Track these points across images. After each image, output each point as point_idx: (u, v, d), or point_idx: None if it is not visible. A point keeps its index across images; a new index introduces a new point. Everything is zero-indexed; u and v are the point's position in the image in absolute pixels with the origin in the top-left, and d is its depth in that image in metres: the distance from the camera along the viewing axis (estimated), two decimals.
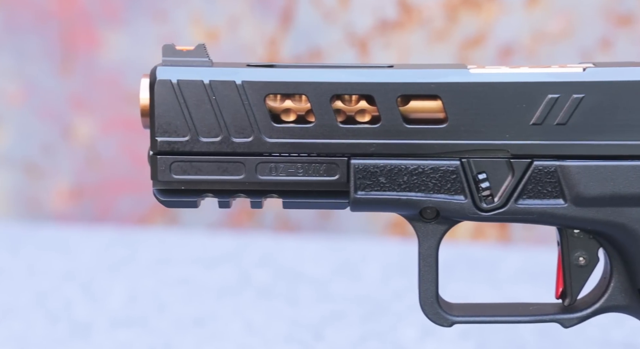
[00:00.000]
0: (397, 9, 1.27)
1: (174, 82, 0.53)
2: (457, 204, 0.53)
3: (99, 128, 1.37)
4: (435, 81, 0.52)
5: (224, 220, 1.35)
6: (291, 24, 1.31)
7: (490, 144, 0.52)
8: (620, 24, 1.21)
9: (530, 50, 1.24)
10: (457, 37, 1.26)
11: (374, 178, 0.53)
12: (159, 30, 1.34)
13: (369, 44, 1.29)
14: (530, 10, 1.23)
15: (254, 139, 0.53)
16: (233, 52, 1.33)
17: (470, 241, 1.27)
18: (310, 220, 1.32)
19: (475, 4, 1.25)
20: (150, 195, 1.37)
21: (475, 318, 0.55)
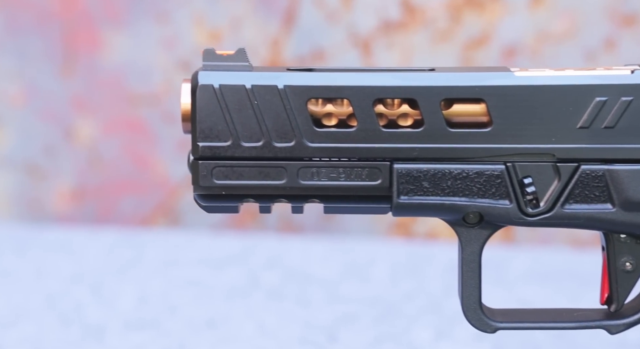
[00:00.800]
0: (401, 9, 1.28)
1: (216, 87, 0.53)
2: (502, 209, 0.53)
3: (101, 130, 1.37)
4: (479, 84, 0.52)
5: (227, 221, 1.35)
6: (294, 24, 1.31)
7: (535, 148, 0.52)
8: (624, 24, 1.22)
9: (534, 51, 1.24)
10: (460, 37, 1.26)
11: (417, 182, 0.53)
12: (161, 31, 1.34)
13: (372, 45, 1.29)
14: (534, 10, 1.24)
15: (296, 144, 0.53)
16: None
17: None
18: (314, 221, 1.32)
19: (478, 4, 1.25)
20: (152, 196, 1.38)
21: (519, 324, 0.54)
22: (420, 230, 1.28)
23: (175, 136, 1.35)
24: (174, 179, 1.36)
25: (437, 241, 1.27)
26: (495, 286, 1.06)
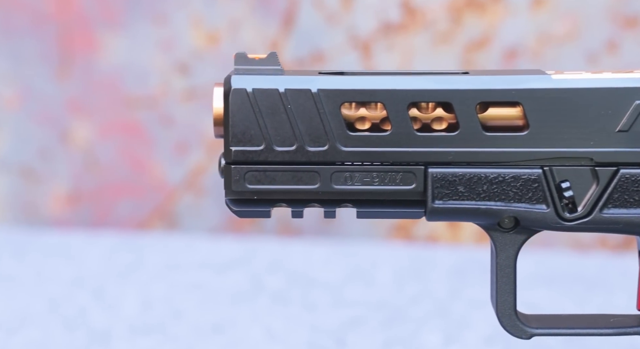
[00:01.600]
0: (401, 11, 1.27)
1: (249, 91, 0.52)
2: (539, 213, 0.52)
3: (97, 132, 1.35)
4: (516, 87, 0.52)
5: (224, 224, 1.34)
6: (293, 26, 1.31)
7: (573, 152, 0.52)
8: (626, 25, 1.22)
9: (535, 53, 1.24)
10: (461, 39, 1.26)
11: (453, 187, 0.52)
12: (158, 33, 1.33)
13: (372, 47, 1.28)
14: (535, 12, 1.24)
15: (329, 148, 0.52)
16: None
17: (474, 244, 1.27)
18: (313, 224, 1.32)
19: (479, 5, 1.25)
20: (148, 199, 1.37)
21: (554, 330, 0.54)
22: (421, 233, 1.28)
23: (172, 139, 1.34)
24: (172, 182, 1.35)
25: (438, 244, 1.27)
26: None
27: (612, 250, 1.23)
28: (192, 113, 1.34)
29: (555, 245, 1.24)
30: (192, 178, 1.35)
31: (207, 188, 1.35)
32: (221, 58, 1.33)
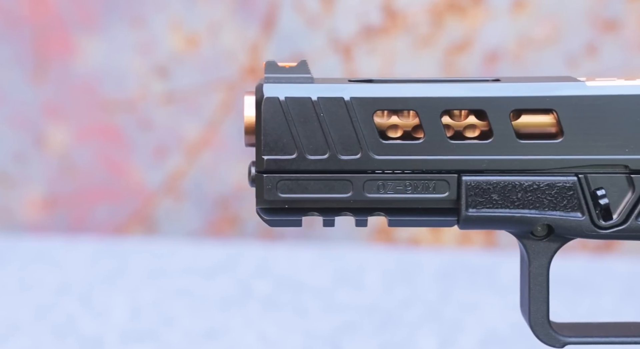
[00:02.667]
0: (382, 14, 1.27)
1: (281, 99, 0.52)
2: (574, 221, 0.52)
3: (73, 137, 1.34)
4: (550, 94, 0.52)
5: (204, 228, 1.34)
6: (273, 29, 1.30)
7: (608, 159, 0.52)
8: (605, 29, 1.23)
9: (516, 56, 1.25)
10: (442, 42, 1.26)
11: (487, 195, 0.52)
12: (136, 36, 1.32)
13: (353, 50, 1.28)
14: (515, 15, 1.24)
15: (362, 156, 0.52)
16: (214, 58, 1.32)
17: (456, 247, 1.27)
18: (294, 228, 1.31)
19: (460, 9, 1.26)
20: (127, 203, 1.35)
21: (588, 339, 0.54)
22: (403, 236, 1.28)
23: (151, 143, 1.33)
24: (151, 186, 1.34)
25: (420, 247, 1.27)
26: (490, 293, 1.07)
27: (593, 252, 1.24)
28: (171, 117, 1.33)
29: None
30: (172, 182, 1.34)
31: (187, 192, 1.34)
32: (201, 62, 1.32)
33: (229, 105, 1.32)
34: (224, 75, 1.32)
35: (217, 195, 1.33)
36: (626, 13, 1.23)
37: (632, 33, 1.23)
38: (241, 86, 1.32)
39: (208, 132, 1.33)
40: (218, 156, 1.33)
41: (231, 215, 1.33)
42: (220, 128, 1.33)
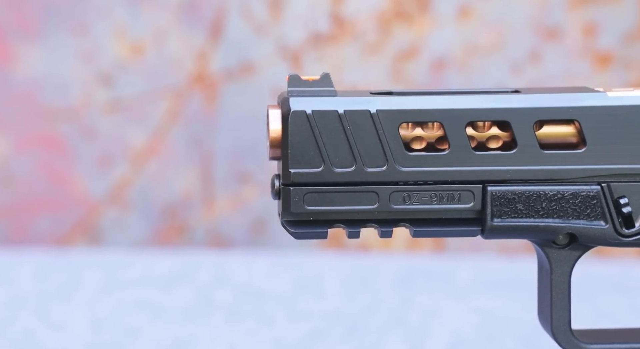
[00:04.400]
0: (330, 22, 1.28)
1: (308, 113, 0.52)
2: (597, 230, 0.54)
3: (12, 146, 1.31)
4: (573, 105, 0.53)
5: (151, 238, 1.32)
6: (221, 37, 1.30)
7: (630, 168, 0.53)
8: (548, 37, 1.26)
9: (462, 63, 1.27)
10: (390, 50, 1.28)
11: (512, 205, 0.53)
12: (78, 44, 1.30)
13: (302, 57, 1.29)
14: (461, 23, 1.27)
15: (388, 168, 0.53)
16: (160, 66, 1.31)
17: (405, 252, 1.29)
18: (243, 235, 1.31)
19: (407, 17, 1.27)
20: (69, 214, 1.33)
21: (608, 345, 0.55)
22: (353, 243, 1.29)
23: (95, 152, 1.31)
24: (95, 196, 1.32)
25: (370, 253, 1.28)
26: (449, 297, 1.08)
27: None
28: (116, 125, 1.32)
29: (483, 250, 1.28)
30: (117, 191, 1.33)
31: (133, 201, 1.32)
32: (147, 69, 1.31)
33: (176, 113, 1.31)
34: (170, 83, 1.31)
35: (165, 203, 1.32)
36: (567, 21, 1.26)
37: (572, 41, 1.27)
38: (188, 94, 1.31)
39: (154, 140, 1.32)
40: (165, 164, 1.32)
41: (179, 223, 1.32)
42: (167, 137, 1.32)
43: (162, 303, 1.06)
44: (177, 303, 1.06)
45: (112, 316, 1.02)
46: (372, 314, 1.02)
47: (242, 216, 1.31)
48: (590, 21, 1.26)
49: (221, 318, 1.02)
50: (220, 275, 1.16)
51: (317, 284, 1.12)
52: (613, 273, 1.17)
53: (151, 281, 1.14)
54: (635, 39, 1.26)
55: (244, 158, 1.31)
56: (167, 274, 1.17)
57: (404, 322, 1.00)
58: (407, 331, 0.97)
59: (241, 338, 0.96)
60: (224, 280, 1.14)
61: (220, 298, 1.08)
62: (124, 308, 1.05)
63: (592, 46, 1.26)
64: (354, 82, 1.28)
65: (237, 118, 1.30)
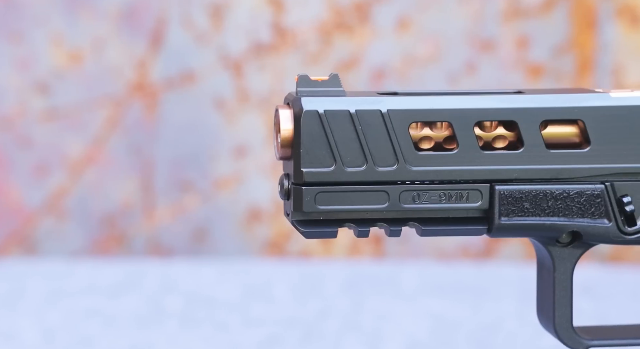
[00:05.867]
0: (271, 31, 1.29)
1: (320, 113, 0.53)
2: (601, 228, 0.55)
3: None
4: (578, 105, 0.55)
5: (89, 247, 1.31)
6: (161, 45, 1.30)
7: (633, 167, 0.55)
8: (483, 49, 1.30)
9: (401, 73, 1.30)
10: (331, 60, 1.29)
11: (519, 203, 0.55)
12: (14, 51, 1.28)
13: (244, 67, 1.30)
14: (400, 35, 1.29)
15: (398, 167, 0.54)
16: (99, 74, 1.30)
17: (346, 258, 1.30)
18: (184, 243, 1.31)
19: (348, 28, 1.29)
20: (4, 224, 1.30)
21: (609, 341, 0.56)
22: (294, 249, 1.30)
23: (31, 161, 1.30)
24: (30, 206, 1.30)
25: (312, 259, 1.29)
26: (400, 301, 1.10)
27: (474, 259, 1.30)
28: (52, 134, 1.30)
29: (422, 256, 1.30)
30: (53, 201, 1.31)
31: (70, 211, 1.31)
32: (85, 78, 1.30)
33: (115, 121, 1.31)
34: (109, 92, 1.30)
35: (103, 213, 1.31)
36: (501, 34, 1.30)
37: (506, 52, 1.30)
38: (128, 102, 1.30)
39: (93, 149, 1.31)
40: (104, 173, 1.31)
41: (118, 233, 1.31)
42: (106, 145, 1.31)
43: (112, 312, 1.05)
44: (128, 311, 1.06)
45: (63, 325, 1.01)
46: (326, 319, 1.03)
47: (183, 224, 1.31)
48: (522, 34, 1.30)
49: (175, 325, 1.02)
50: (167, 283, 1.16)
51: (267, 290, 1.13)
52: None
53: (97, 290, 1.13)
54: (564, 52, 1.31)
55: (185, 167, 1.30)
56: (113, 283, 1.16)
57: (358, 326, 1.01)
58: (362, 336, 0.99)
59: (198, 345, 0.96)
60: (172, 288, 1.14)
61: (171, 305, 1.08)
62: (74, 317, 1.03)
63: (524, 58, 1.30)
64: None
65: (177, 127, 1.30)
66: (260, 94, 1.30)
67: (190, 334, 0.99)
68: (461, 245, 1.31)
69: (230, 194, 1.30)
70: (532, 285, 1.16)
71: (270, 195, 1.30)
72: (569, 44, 1.30)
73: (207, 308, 1.07)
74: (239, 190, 1.30)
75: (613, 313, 1.04)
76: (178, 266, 1.23)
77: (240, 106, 1.30)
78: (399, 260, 1.29)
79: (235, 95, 1.29)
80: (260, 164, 1.30)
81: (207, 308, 1.06)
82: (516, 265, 1.26)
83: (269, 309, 1.06)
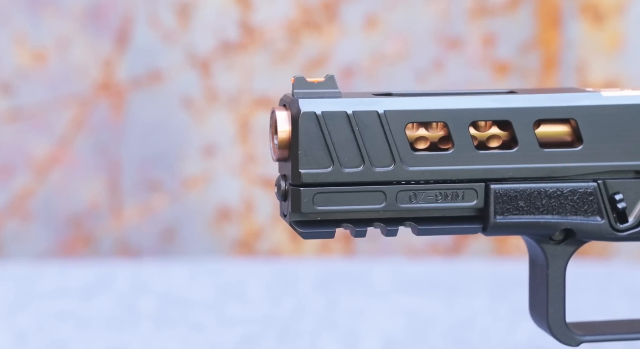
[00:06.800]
0: (239, 30, 1.29)
1: (318, 114, 0.53)
2: (594, 225, 0.56)
3: None
4: (571, 104, 0.55)
5: (55, 249, 1.30)
6: (127, 44, 1.29)
7: (623, 165, 0.56)
8: (450, 46, 1.30)
9: (369, 72, 1.30)
10: (299, 58, 1.29)
11: (514, 202, 0.55)
12: None
13: (212, 66, 1.29)
14: (368, 33, 1.29)
15: (395, 168, 0.54)
16: (64, 74, 1.28)
17: (316, 255, 1.30)
18: (152, 243, 1.30)
19: (316, 26, 1.29)
20: None
21: (600, 337, 0.57)
22: (264, 248, 1.30)
23: None
24: None
25: (282, 258, 1.29)
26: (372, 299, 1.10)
27: (443, 255, 1.31)
28: (17, 135, 1.29)
29: (391, 253, 1.30)
30: (18, 202, 1.29)
31: (36, 212, 1.29)
32: (49, 77, 1.28)
33: (80, 121, 1.29)
34: (75, 91, 1.29)
35: (70, 214, 1.30)
36: (468, 32, 1.31)
37: (473, 50, 1.31)
38: (94, 102, 1.29)
39: (58, 149, 1.29)
40: (70, 174, 1.29)
41: (85, 234, 1.30)
42: (71, 146, 1.30)
43: (85, 314, 1.04)
44: (101, 312, 1.05)
45: (35, 328, 1.00)
46: (301, 317, 1.03)
47: (151, 225, 1.30)
48: (489, 32, 1.31)
49: (150, 326, 1.01)
50: (139, 284, 1.15)
51: (240, 290, 1.13)
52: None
53: (68, 292, 1.12)
54: (530, 49, 1.32)
55: (153, 167, 1.30)
56: (83, 284, 1.15)
57: (334, 324, 1.01)
58: (339, 334, 0.99)
59: (174, 345, 0.96)
60: (144, 289, 1.13)
61: (145, 306, 1.07)
62: (46, 320, 1.02)
63: (491, 56, 1.31)
64: (264, 90, 1.29)
65: (145, 126, 1.29)
66: (229, 93, 1.29)
67: (166, 335, 0.98)
68: (430, 242, 1.31)
69: (199, 194, 1.30)
70: (501, 280, 1.17)
71: (240, 194, 1.29)
72: (534, 41, 1.32)
73: (181, 308, 1.06)
74: (208, 190, 1.30)
75: (584, 308, 1.06)
76: (148, 266, 1.22)
77: (209, 105, 1.29)
78: (369, 258, 1.29)
79: (203, 94, 1.29)
80: (230, 163, 1.30)
81: (181, 309, 1.06)
82: (485, 261, 1.27)
83: (243, 308, 1.06)
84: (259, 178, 1.30)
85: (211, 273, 1.19)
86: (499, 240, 1.31)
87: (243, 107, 1.29)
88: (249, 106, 1.29)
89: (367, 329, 1.00)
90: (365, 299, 1.10)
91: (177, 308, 1.06)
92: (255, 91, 1.29)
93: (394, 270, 1.21)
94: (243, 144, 1.29)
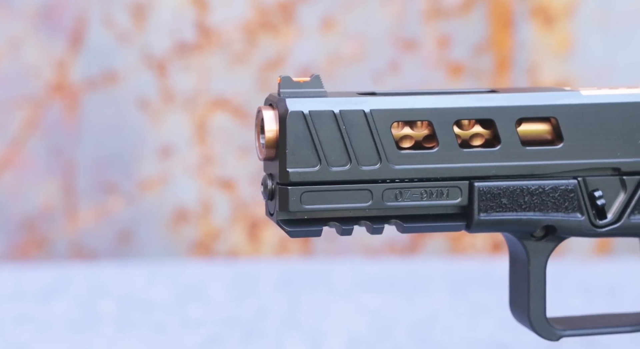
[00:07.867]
0: (196, 31, 1.28)
1: (305, 113, 0.53)
2: (574, 222, 0.57)
3: None
4: (553, 103, 0.56)
5: (7, 252, 1.28)
6: (82, 45, 1.27)
7: (603, 162, 0.57)
8: (405, 48, 1.31)
9: (327, 72, 1.30)
10: (257, 59, 1.29)
11: (497, 199, 0.56)
12: None
13: (168, 66, 1.28)
14: (325, 34, 1.30)
15: (381, 166, 0.54)
16: (16, 75, 1.27)
17: (274, 256, 1.30)
18: (108, 246, 1.29)
19: (272, 27, 1.29)
20: None
21: (580, 331, 0.58)
22: (222, 249, 1.30)
23: None
24: None
25: (240, 259, 1.29)
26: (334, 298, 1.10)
27: (400, 254, 1.32)
28: None
29: (349, 253, 1.31)
30: None
31: None
32: (1, 78, 1.27)
33: (33, 123, 1.28)
34: (27, 92, 1.27)
35: (23, 216, 1.28)
36: (423, 34, 1.32)
37: (428, 52, 1.32)
38: (47, 103, 1.28)
39: (10, 151, 1.28)
40: (23, 176, 1.28)
41: (39, 237, 1.28)
42: (24, 147, 1.28)
43: (43, 317, 1.03)
44: (60, 315, 1.04)
45: None
46: (265, 318, 1.03)
47: (107, 227, 1.29)
48: (443, 34, 1.32)
49: (111, 329, 1.00)
50: (96, 287, 1.14)
51: (201, 291, 1.12)
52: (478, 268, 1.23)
53: (24, 295, 1.11)
54: (483, 51, 1.33)
55: (108, 168, 1.28)
56: (39, 288, 1.13)
57: (298, 324, 1.01)
58: (303, 333, 0.99)
59: (138, 347, 0.95)
60: (102, 291, 1.12)
61: (104, 308, 1.06)
62: (3, 324, 1.01)
63: (446, 57, 1.33)
64: (221, 91, 1.29)
65: (100, 127, 1.28)
66: (185, 94, 1.29)
67: (128, 338, 0.97)
68: (387, 241, 1.32)
69: (155, 195, 1.29)
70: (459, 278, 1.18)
71: (197, 196, 1.29)
72: (488, 43, 1.33)
73: (142, 310, 1.05)
74: (165, 191, 1.29)
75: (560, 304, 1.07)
76: (105, 269, 1.21)
77: (165, 106, 1.28)
78: (327, 258, 1.29)
79: (159, 95, 1.28)
80: (186, 164, 1.29)
81: (142, 311, 1.05)
82: (441, 260, 1.28)
83: (206, 309, 1.06)
84: (217, 179, 1.29)
85: (170, 275, 1.18)
86: (454, 239, 1.32)
87: (200, 108, 1.29)
88: (206, 107, 1.29)
89: (331, 328, 1.00)
90: (327, 299, 1.10)
91: (138, 310, 1.05)
92: (212, 92, 1.29)
93: (353, 270, 1.22)
94: (200, 145, 1.29)
